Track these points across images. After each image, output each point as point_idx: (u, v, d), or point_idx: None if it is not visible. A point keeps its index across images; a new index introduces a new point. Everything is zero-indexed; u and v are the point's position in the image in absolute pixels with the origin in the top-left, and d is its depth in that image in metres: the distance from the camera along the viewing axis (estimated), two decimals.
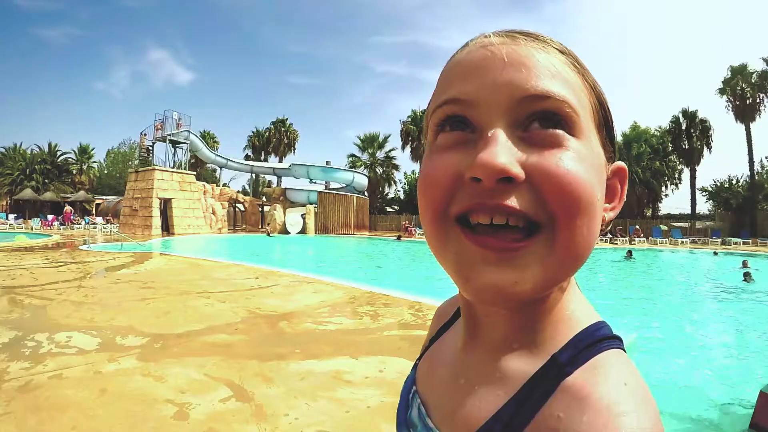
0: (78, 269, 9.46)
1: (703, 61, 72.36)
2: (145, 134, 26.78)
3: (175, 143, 27.22)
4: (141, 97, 74.74)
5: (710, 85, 63.77)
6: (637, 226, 24.16)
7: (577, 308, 0.40)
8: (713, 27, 69.98)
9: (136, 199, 25.29)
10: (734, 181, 37.39)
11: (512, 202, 0.33)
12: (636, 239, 22.62)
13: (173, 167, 26.46)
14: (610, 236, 23.05)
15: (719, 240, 23.46)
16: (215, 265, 10.21)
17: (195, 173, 27.12)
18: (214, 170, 56.48)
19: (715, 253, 17.42)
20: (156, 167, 24.72)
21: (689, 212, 35.65)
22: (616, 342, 0.37)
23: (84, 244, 16.69)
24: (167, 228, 24.78)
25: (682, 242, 22.79)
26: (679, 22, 73.93)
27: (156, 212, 23.91)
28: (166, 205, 25.09)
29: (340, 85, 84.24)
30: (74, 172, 49.23)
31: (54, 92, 76.94)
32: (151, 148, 26.93)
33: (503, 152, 0.33)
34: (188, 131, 27.57)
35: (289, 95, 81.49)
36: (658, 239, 23.11)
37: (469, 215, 0.35)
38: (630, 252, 15.49)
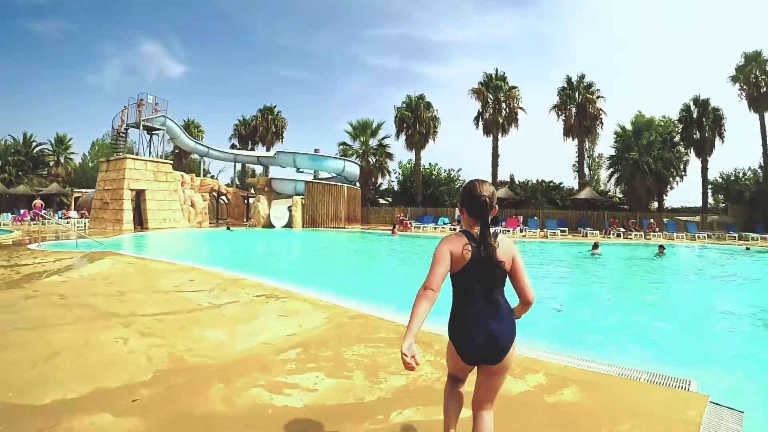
0: None
1: (712, 47, 70.48)
2: (126, 108, 24.27)
3: (150, 130, 24.95)
4: (133, 90, 72.48)
5: (718, 72, 62.12)
6: (652, 220, 22.42)
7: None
8: (721, 11, 68.22)
9: (107, 190, 23.09)
10: (740, 174, 36.00)
11: None
12: (651, 233, 20.88)
13: (158, 156, 24.29)
14: (623, 230, 21.32)
15: (736, 235, 21.85)
16: (170, 270, 8.20)
17: (171, 162, 24.86)
18: (202, 162, 54.11)
19: (747, 249, 15.75)
20: (128, 156, 22.48)
21: (694, 205, 34.24)
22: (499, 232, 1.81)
23: (36, 242, 14.60)
24: (141, 222, 22.63)
25: (700, 237, 21.16)
26: (683, 6, 72.17)
27: (127, 205, 21.73)
28: (139, 197, 22.95)
29: (332, 78, 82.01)
30: (51, 164, 46.76)
31: (45, 87, 74.66)
32: (123, 134, 24.64)
33: None
34: (164, 116, 25.29)
35: (280, 88, 79.31)
36: (674, 233, 21.43)
37: None
38: (662, 248, 13.74)
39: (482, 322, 1.76)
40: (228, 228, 23.13)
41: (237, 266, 8.74)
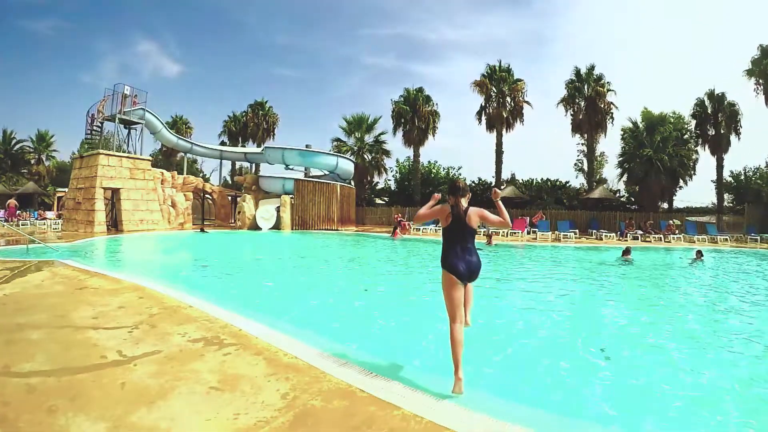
0: None
1: (716, 42, 68.79)
2: (105, 99, 22.26)
3: (128, 123, 23.00)
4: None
5: (725, 67, 60.42)
6: (671, 221, 20.70)
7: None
8: (724, 3, 66.55)
9: (80, 189, 21.17)
10: (750, 173, 34.45)
11: None
12: (671, 236, 19.17)
13: (155, 155, 22.41)
14: (641, 233, 19.59)
15: (758, 237, 20.22)
16: (106, 290, 6.37)
17: (150, 159, 22.88)
18: (195, 161, 52.03)
19: None
20: (101, 151, 20.53)
21: (700, 205, 32.70)
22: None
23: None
24: (116, 224, 20.73)
25: (721, 239, 19.48)
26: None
27: (99, 205, 19.81)
28: (114, 196, 21.04)
29: (328, 77, 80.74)
30: (32, 162, 44.79)
31: (40, 86, 73.16)
32: (98, 127, 22.67)
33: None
34: (143, 109, 23.36)
35: (275, 86, 78.51)
36: (694, 236, 19.74)
37: None
38: (700, 253, 12.05)
39: (461, 256, 3.17)
40: (202, 230, 21.20)
41: (192, 283, 6.93)
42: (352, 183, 29.03)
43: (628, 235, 19.50)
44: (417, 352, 4.07)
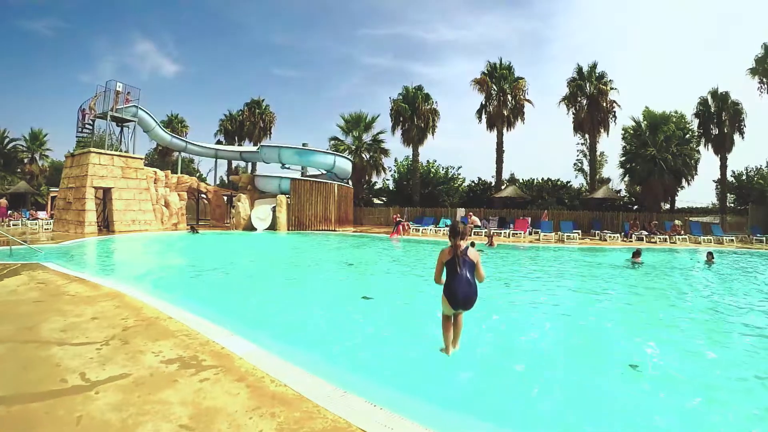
0: None
1: (715, 42, 68.59)
2: (97, 96, 21.67)
3: (121, 121, 22.43)
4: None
5: (732, 65, 60.25)
6: (676, 222, 20.27)
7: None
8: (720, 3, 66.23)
9: (71, 189, 20.59)
10: (752, 173, 34.19)
11: None
12: (677, 237, 18.74)
13: (150, 154, 21.80)
14: (645, 234, 19.16)
15: (763, 238, 19.86)
16: (83, 297, 5.87)
17: (142, 157, 22.30)
18: (192, 160, 51.38)
19: None
20: (92, 150, 19.96)
21: (701, 205, 32.39)
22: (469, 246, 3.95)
23: None
24: (108, 224, 20.18)
25: (727, 240, 19.08)
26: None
27: (90, 205, 19.24)
28: (105, 196, 20.49)
29: (326, 78, 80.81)
30: (25, 161, 44.18)
31: (38, 85, 72.88)
32: (90, 124, 22.10)
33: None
34: (136, 106, 22.80)
35: (273, 87, 78.53)
36: (700, 237, 19.33)
37: None
38: (711, 255, 11.63)
39: (460, 288, 3.65)
40: (193, 230, 20.63)
41: (175, 290, 6.42)
42: (350, 182, 28.55)
43: (633, 235, 19.07)
44: (428, 375, 3.60)
